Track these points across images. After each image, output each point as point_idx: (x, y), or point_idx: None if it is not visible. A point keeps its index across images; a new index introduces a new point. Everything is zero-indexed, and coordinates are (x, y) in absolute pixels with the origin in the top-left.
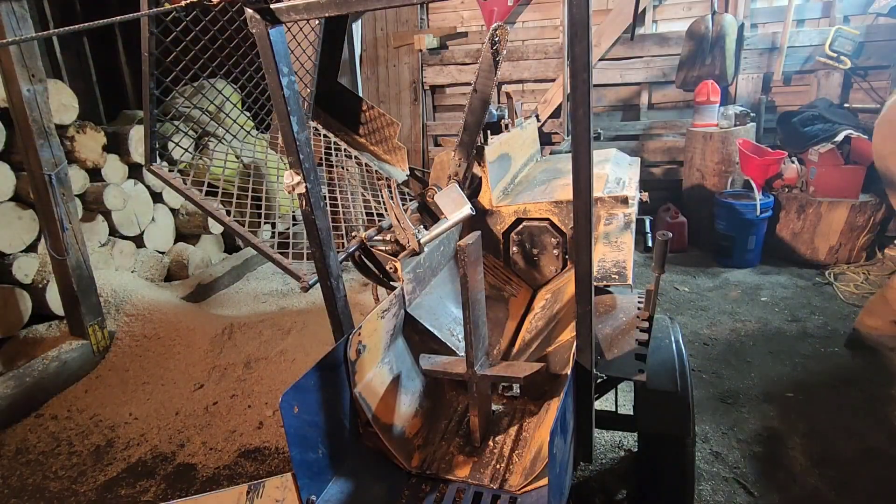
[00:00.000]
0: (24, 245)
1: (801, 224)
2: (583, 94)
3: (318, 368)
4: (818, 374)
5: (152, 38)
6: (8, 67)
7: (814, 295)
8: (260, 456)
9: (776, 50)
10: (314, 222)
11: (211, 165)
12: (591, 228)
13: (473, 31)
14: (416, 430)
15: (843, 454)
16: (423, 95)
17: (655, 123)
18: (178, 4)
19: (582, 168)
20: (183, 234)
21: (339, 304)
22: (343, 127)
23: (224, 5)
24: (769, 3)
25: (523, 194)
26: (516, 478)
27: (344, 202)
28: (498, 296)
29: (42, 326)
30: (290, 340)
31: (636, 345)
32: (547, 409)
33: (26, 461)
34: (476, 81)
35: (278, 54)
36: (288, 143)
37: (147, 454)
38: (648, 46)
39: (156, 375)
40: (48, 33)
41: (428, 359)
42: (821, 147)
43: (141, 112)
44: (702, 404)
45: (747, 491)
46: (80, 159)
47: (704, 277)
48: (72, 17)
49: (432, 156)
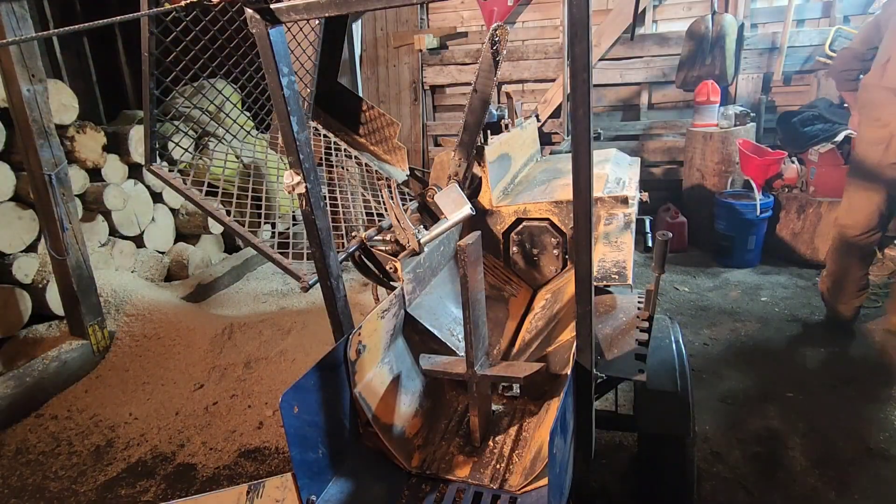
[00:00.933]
0: (24, 245)
1: (801, 224)
2: (583, 94)
3: (318, 368)
4: (818, 374)
5: (152, 38)
6: (8, 67)
7: (814, 295)
8: (260, 456)
9: (776, 50)
10: (314, 222)
11: (211, 165)
12: (591, 228)
13: (473, 31)
14: (416, 430)
15: (843, 454)
16: (423, 95)
17: (655, 123)
18: (178, 4)
19: (582, 168)
20: (183, 234)
21: (339, 304)
22: (343, 127)
23: (224, 5)
24: (769, 3)
25: (523, 194)
26: (516, 478)
27: (344, 202)
28: (498, 296)
29: (42, 326)
30: (290, 340)
31: (636, 345)
32: (547, 409)
33: (26, 461)
34: (476, 81)
35: (278, 54)
36: (288, 143)
37: (147, 454)
38: (648, 46)
39: (156, 375)
40: (48, 33)
41: (428, 359)
42: (821, 147)
43: (141, 112)
44: (702, 404)
45: (747, 491)
46: (80, 159)
47: (704, 277)
48: (72, 17)
49: (432, 156)
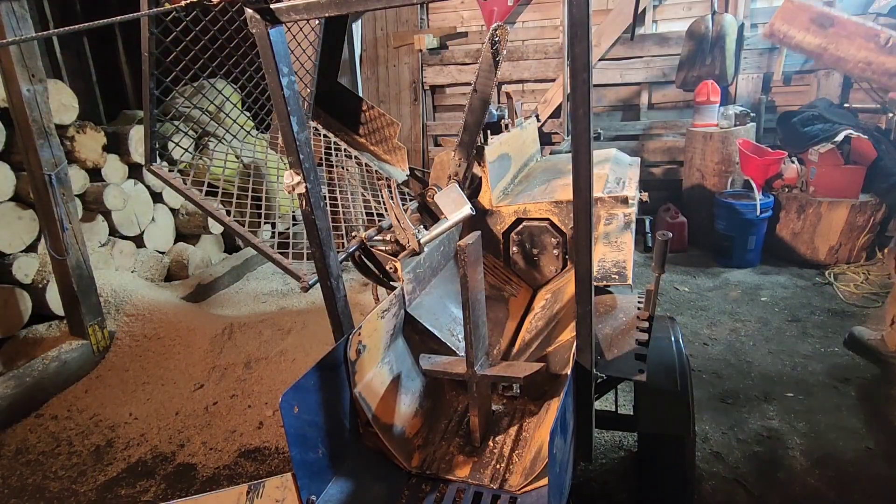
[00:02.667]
0: (24, 245)
1: (801, 224)
2: (583, 94)
3: (318, 368)
4: (818, 374)
5: (152, 38)
6: (8, 67)
7: (814, 295)
8: (260, 456)
9: (776, 50)
10: (314, 222)
11: (211, 165)
12: (591, 228)
13: (473, 31)
14: (416, 430)
15: (843, 454)
16: (423, 95)
17: (655, 123)
18: (178, 4)
19: (582, 168)
20: (183, 234)
21: (339, 304)
22: (343, 127)
23: (224, 5)
24: (769, 3)
25: (523, 194)
26: (516, 478)
27: (344, 202)
28: (498, 296)
29: (42, 326)
30: (290, 340)
31: (636, 345)
32: (547, 409)
33: (26, 461)
34: (476, 81)
35: (278, 54)
36: (288, 143)
37: (147, 454)
38: (648, 46)
39: (156, 375)
40: (48, 33)
41: (428, 359)
42: (821, 147)
43: (141, 112)
44: (702, 404)
45: (747, 491)
46: (80, 159)
47: (704, 277)
48: (72, 17)
49: (432, 156)
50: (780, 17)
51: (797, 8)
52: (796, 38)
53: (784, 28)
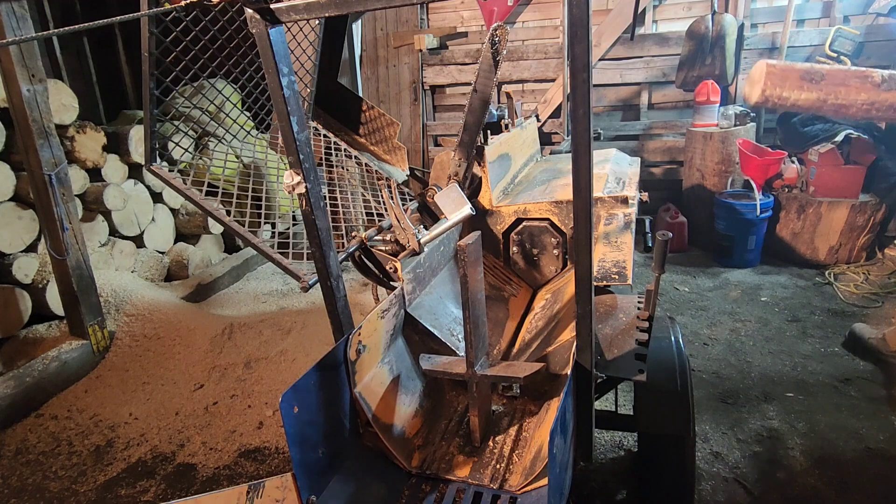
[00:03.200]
0: (24, 245)
1: (801, 224)
2: (583, 94)
3: (318, 368)
4: (818, 374)
5: (152, 38)
6: (8, 67)
7: (814, 295)
8: (260, 456)
9: (776, 50)
10: (314, 222)
11: (211, 165)
12: (591, 228)
13: (473, 31)
14: (416, 430)
15: (843, 454)
16: (423, 95)
17: (655, 123)
18: (178, 4)
19: (582, 168)
20: (183, 234)
21: (339, 304)
22: (343, 127)
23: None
24: (769, 3)
25: (523, 194)
26: (516, 478)
27: (344, 202)
28: (498, 296)
29: (42, 326)
30: (290, 340)
31: (636, 345)
32: (547, 409)
33: (26, 461)
34: (476, 81)
35: (278, 54)
36: (288, 143)
37: (147, 454)
38: (648, 46)
39: (156, 375)
40: (48, 33)
41: (428, 359)
42: (821, 147)
43: (141, 112)
44: (702, 404)
45: (747, 491)
46: (80, 159)
47: (704, 277)
48: (72, 17)
49: (432, 156)
50: (768, 84)
51: (783, 71)
52: (791, 98)
53: (777, 92)
